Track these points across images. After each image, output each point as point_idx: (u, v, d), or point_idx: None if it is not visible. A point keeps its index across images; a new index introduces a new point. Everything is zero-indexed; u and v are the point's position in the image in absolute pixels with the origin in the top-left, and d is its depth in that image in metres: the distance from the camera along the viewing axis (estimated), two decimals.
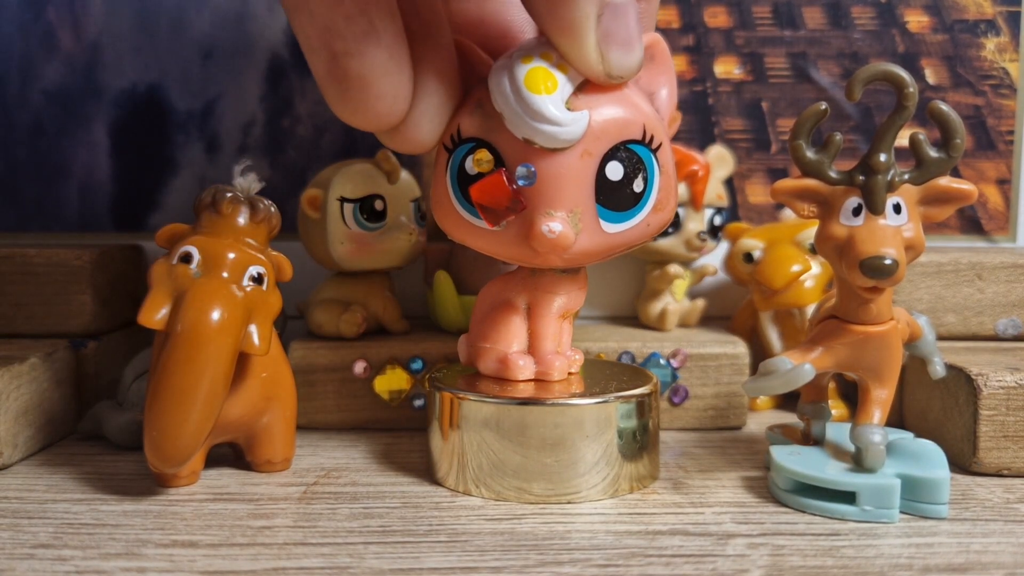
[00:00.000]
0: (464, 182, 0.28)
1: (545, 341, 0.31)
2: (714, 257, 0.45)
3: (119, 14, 0.46)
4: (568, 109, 0.27)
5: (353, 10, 0.25)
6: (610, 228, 0.28)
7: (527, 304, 0.31)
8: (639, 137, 0.28)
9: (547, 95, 0.26)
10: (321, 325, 0.39)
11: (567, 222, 0.27)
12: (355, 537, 0.26)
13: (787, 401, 0.43)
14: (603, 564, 0.24)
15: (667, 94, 0.30)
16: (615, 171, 0.28)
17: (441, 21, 0.28)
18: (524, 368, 0.31)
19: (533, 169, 0.27)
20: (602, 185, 0.28)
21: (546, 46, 0.27)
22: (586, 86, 0.27)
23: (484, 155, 0.27)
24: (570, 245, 0.28)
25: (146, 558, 0.25)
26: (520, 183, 0.27)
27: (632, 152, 0.28)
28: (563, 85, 0.27)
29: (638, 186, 0.28)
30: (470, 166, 0.28)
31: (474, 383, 0.31)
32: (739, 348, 0.39)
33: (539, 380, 0.31)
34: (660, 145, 0.29)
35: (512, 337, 0.31)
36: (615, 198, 0.28)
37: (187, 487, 0.30)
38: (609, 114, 0.28)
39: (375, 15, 0.25)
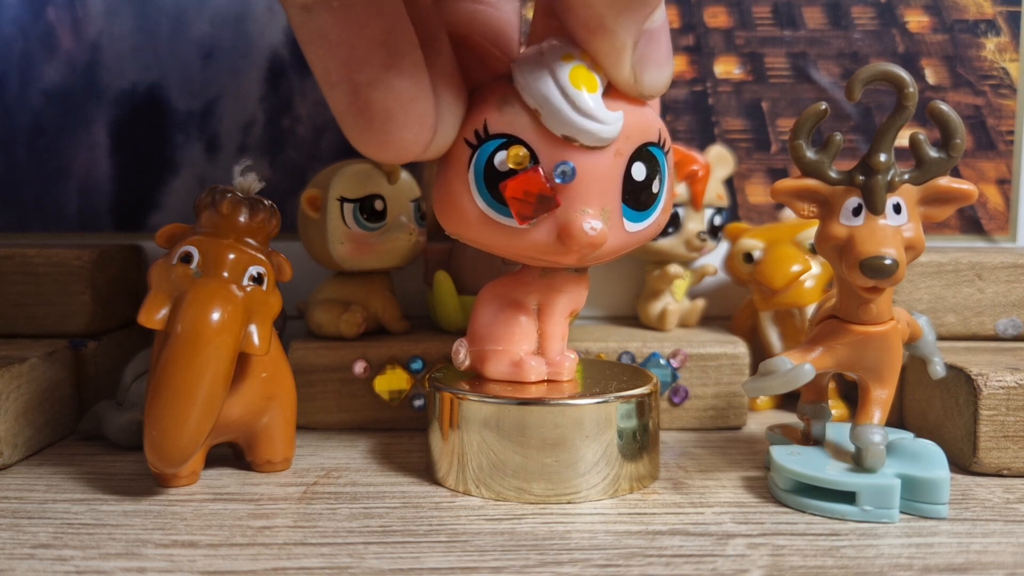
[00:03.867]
0: (492, 178, 0.28)
1: (555, 341, 0.31)
2: (714, 257, 0.45)
3: (119, 14, 0.46)
4: None
5: (375, 38, 0.24)
6: (631, 227, 0.29)
7: (537, 304, 0.31)
8: (656, 140, 0.29)
9: (592, 93, 0.27)
10: (321, 325, 0.39)
11: (601, 220, 0.28)
12: (355, 537, 0.26)
13: (787, 401, 0.43)
14: (603, 564, 0.24)
15: (656, 103, 0.31)
16: (639, 171, 0.28)
17: (439, 28, 0.28)
18: (537, 369, 0.31)
19: (573, 166, 0.27)
20: (628, 185, 0.28)
21: (581, 47, 0.28)
22: (610, 90, 0.28)
23: (521, 151, 0.27)
24: (604, 243, 0.28)
25: (146, 558, 0.25)
26: (558, 180, 0.27)
27: (652, 154, 0.29)
28: (600, 86, 0.27)
29: (655, 187, 0.29)
30: (501, 162, 0.28)
31: (474, 383, 0.31)
32: (739, 348, 0.39)
33: (550, 381, 0.31)
34: (670, 148, 0.30)
35: (524, 339, 0.31)
36: (638, 198, 0.29)
37: (187, 487, 0.30)
38: (634, 117, 0.28)
39: (396, 43, 0.24)
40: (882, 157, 0.27)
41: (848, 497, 0.28)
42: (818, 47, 0.47)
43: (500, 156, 0.28)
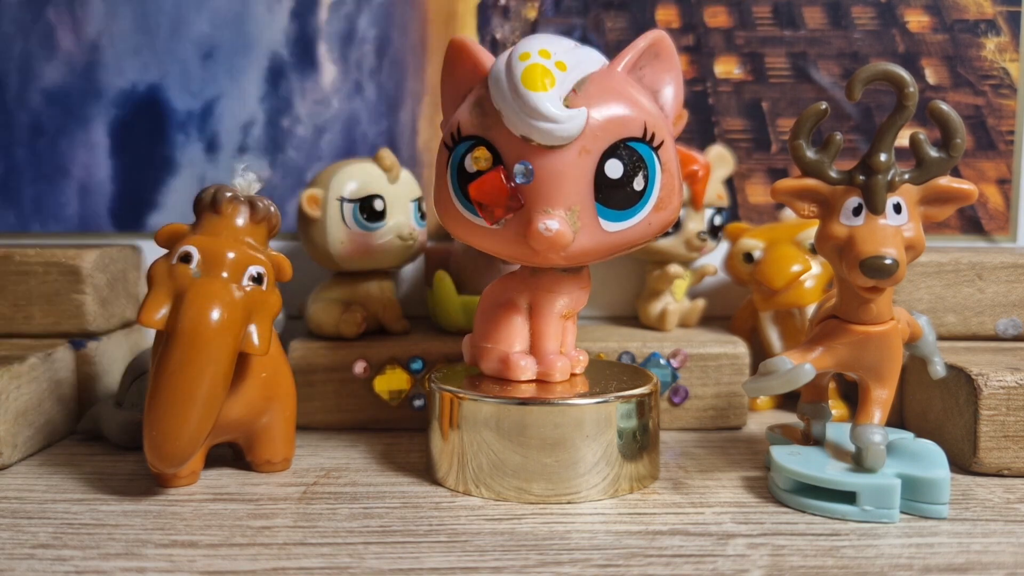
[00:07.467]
0: (463, 180, 0.28)
1: (547, 341, 0.31)
2: (714, 257, 0.45)
3: (119, 14, 0.46)
4: (566, 106, 0.27)
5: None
6: (610, 227, 0.28)
7: (528, 304, 0.31)
8: (640, 135, 0.28)
9: (543, 92, 0.27)
10: (321, 325, 0.39)
11: (565, 220, 0.27)
12: (355, 537, 0.26)
13: (787, 401, 0.43)
14: (603, 564, 0.24)
15: (672, 92, 0.30)
16: (614, 169, 0.28)
17: None
18: (525, 368, 0.31)
19: (531, 167, 0.27)
20: (601, 183, 0.28)
21: (545, 43, 0.27)
22: (586, 84, 0.27)
23: (483, 153, 0.27)
24: (568, 243, 0.28)
25: (146, 558, 0.25)
26: (518, 180, 0.27)
27: (632, 150, 0.28)
28: (561, 82, 0.27)
29: (638, 184, 0.28)
30: (469, 164, 0.28)
31: (474, 383, 0.31)
32: (739, 348, 0.38)
33: (540, 381, 0.31)
34: (662, 143, 0.29)
35: (513, 337, 0.31)
36: (615, 196, 0.28)
37: (187, 487, 0.30)
38: (609, 112, 0.28)
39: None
40: (882, 157, 0.27)
41: (848, 497, 0.28)
42: (818, 47, 0.47)
43: (468, 158, 0.28)
